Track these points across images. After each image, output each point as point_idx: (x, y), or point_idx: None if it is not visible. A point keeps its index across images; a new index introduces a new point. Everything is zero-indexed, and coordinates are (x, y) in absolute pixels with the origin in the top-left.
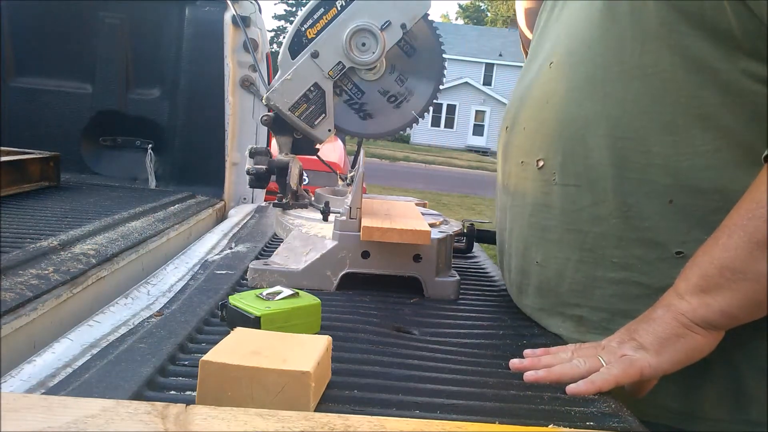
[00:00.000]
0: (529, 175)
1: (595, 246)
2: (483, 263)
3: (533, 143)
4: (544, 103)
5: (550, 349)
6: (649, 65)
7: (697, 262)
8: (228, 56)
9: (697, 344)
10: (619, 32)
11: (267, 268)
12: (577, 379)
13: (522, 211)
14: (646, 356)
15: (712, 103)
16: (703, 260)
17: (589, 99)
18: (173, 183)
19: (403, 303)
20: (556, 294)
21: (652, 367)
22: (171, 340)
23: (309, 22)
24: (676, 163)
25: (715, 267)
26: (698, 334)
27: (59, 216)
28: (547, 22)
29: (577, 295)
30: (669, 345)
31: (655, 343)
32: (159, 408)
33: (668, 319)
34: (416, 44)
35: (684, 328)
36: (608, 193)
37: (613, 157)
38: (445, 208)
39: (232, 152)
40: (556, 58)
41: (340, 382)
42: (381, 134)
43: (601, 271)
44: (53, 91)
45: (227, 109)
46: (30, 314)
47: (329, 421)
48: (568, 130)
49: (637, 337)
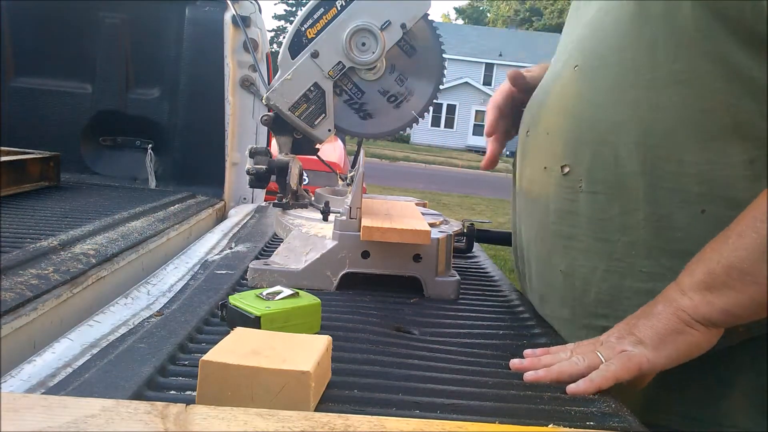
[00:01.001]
0: (552, 181)
1: (624, 255)
2: (483, 263)
3: (557, 148)
4: (568, 108)
5: (550, 348)
6: (684, 71)
7: (704, 258)
8: (228, 56)
9: (695, 341)
10: (651, 36)
11: (267, 268)
12: (576, 377)
13: (544, 218)
14: (645, 351)
15: (747, 112)
16: (711, 258)
17: (618, 104)
18: (173, 183)
19: (403, 303)
20: (582, 304)
21: (650, 363)
22: (171, 340)
23: (309, 22)
24: (709, 173)
25: (723, 266)
26: (698, 331)
27: (59, 216)
28: (569, 22)
29: (604, 305)
30: (668, 341)
31: (654, 339)
32: (159, 408)
33: (668, 315)
34: (416, 44)
35: (684, 325)
36: (639, 202)
37: (644, 165)
38: (445, 208)
39: (232, 152)
40: (581, 61)
41: (340, 382)
42: (381, 134)
43: (630, 281)
44: (53, 91)
45: (227, 109)
46: (30, 314)
47: (329, 421)
48: (596, 136)
49: (636, 332)
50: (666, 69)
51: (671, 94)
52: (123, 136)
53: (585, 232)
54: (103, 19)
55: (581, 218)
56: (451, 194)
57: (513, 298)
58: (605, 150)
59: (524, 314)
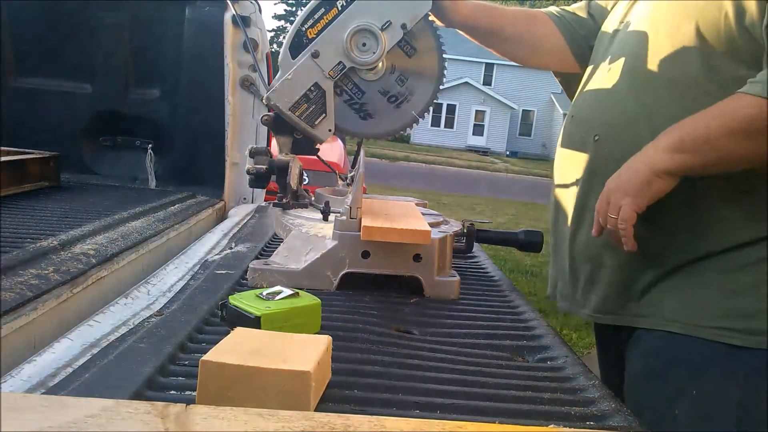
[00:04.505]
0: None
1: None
2: (483, 263)
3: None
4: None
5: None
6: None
7: (681, 126)
8: (228, 56)
9: (661, 187)
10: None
11: (267, 268)
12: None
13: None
14: (629, 200)
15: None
16: (685, 127)
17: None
18: (173, 183)
19: (403, 303)
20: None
21: (638, 207)
22: (171, 340)
23: (309, 22)
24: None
25: (692, 136)
26: (663, 180)
27: (59, 216)
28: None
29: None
30: (645, 189)
31: (636, 191)
32: (159, 408)
33: (645, 171)
34: (416, 44)
35: (654, 176)
36: None
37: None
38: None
39: (232, 152)
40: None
41: (340, 382)
42: (381, 134)
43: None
44: (53, 91)
45: (227, 109)
46: (30, 314)
47: (329, 421)
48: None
49: (624, 187)
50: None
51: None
52: (123, 136)
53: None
54: (103, 19)
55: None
56: (451, 194)
57: (513, 298)
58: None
59: (524, 314)
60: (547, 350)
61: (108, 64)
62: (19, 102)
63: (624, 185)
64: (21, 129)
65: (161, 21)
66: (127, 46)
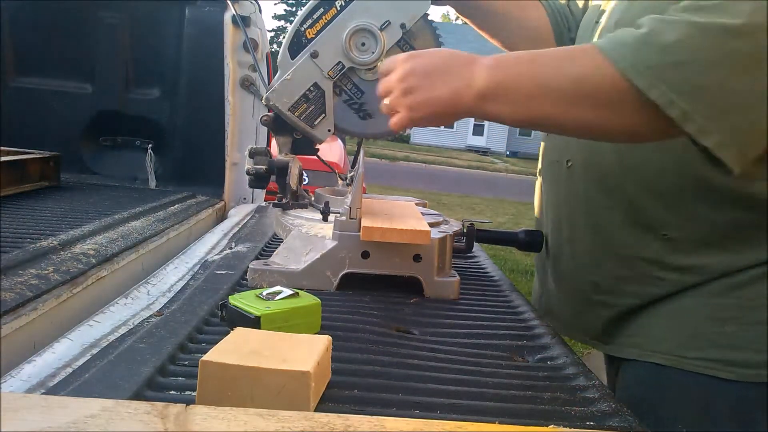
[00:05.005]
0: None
1: None
2: (483, 263)
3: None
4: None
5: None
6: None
7: (507, 66)
8: (228, 56)
9: (451, 118)
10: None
11: (267, 268)
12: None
13: None
14: (412, 115)
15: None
16: (516, 72)
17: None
18: (173, 183)
19: (403, 303)
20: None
21: (413, 122)
22: (171, 340)
23: (308, 22)
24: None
25: (515, 87)
26: (460, 113)
27: (59, 216)
28: None
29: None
30: (439, 115)
31: (430, 114)
32: (159, 408)
33: (454, 98)
34: (416, 44)
35: (455, 109)
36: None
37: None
38: (445, 208)
39: (232, 152)
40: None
41: (340, 382)
42: (381, 134)
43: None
44: (53, 91)
45: (227, 109)
46: (30, 314)
47: (329, 421)
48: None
49: (415, 107)
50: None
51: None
52: (123, 136)
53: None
54: (103, 19)
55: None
56: (451, 194)
57: (513, 298)
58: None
59: (524, 314)
60: (547, 350)
61: (108, 64)
62: (19, 102)
63: (425, 92)
64: (21, 129)
65: (161, 21)
66: (127, 46)
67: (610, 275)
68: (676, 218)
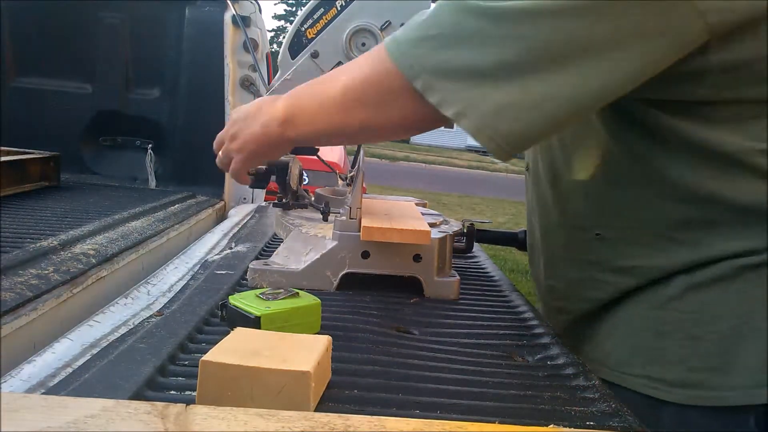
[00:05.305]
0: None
1: None
2: (483, 263)
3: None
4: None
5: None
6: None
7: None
8: (228, 56)
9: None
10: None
11: (267, 268)
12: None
13: None
14: (240, 157)
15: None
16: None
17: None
18: (173, 183)
19: (403, 303)
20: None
21: (250, 164)
22: (171, 340)
23: (309, 22)
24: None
25: (304, 110)
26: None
27: (59, 216)
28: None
29: None
30: (260, 153)
31: (251, 152)
32: (159, 408)
33: (267, 136)
34: None
35: (269, 143)
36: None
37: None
38: (445, 208)
39: None
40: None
41: (340, 382)
42: None
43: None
44: (53, 91)
45: (227, 109)
46: (30, 314)
47: (329, 421)
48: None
49: (242, 140)
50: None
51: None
52: (123, 136)
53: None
54: (103, 19)
55: None
56: (451, 194)
57: (513, 298)
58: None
59: (524, 314)
60: (547, 350)
61: (108, 64)
62: (19, 102)
63: (243, 133)
64: (21, 129)
65: (161, 21)
66: (127, 46)
67: (563, 278)
68: (604, 217)
